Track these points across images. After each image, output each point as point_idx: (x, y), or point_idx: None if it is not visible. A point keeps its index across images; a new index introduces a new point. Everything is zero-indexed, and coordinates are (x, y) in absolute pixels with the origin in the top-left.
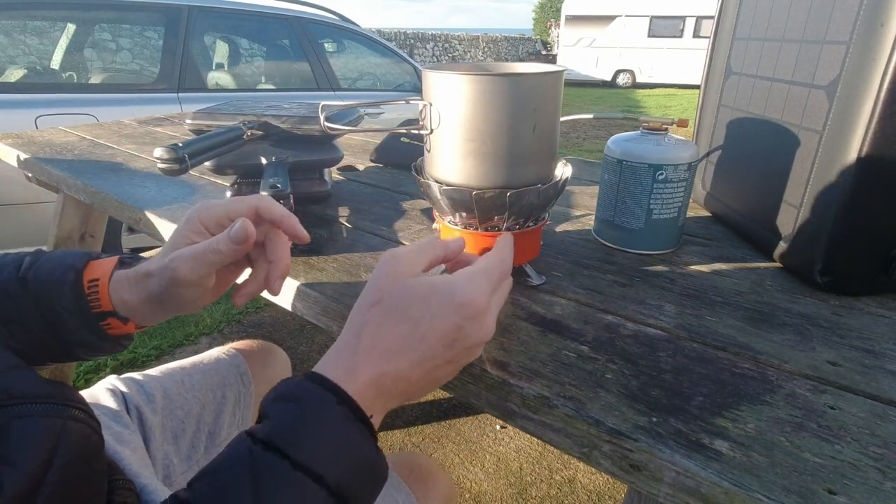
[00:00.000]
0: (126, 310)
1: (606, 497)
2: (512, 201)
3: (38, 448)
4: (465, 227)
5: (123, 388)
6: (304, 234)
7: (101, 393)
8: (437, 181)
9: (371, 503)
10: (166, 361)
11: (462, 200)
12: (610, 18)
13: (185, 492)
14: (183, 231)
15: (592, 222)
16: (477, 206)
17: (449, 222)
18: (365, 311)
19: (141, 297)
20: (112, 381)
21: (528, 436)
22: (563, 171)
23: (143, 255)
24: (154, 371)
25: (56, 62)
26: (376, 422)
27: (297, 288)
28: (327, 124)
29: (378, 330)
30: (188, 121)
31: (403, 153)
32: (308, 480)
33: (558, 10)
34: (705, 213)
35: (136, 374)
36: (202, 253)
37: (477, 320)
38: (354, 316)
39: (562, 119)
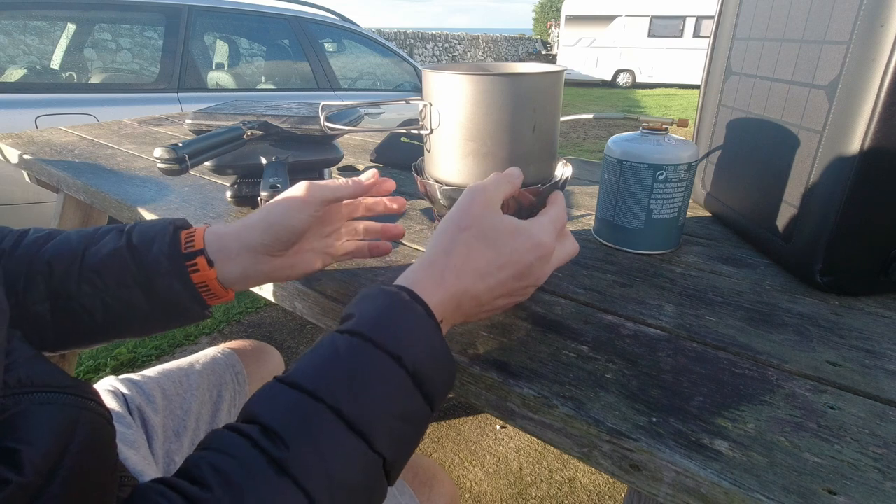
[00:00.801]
0: (217, 245)
1: (606, 497)
2: (511, 203)
3: (55, 432)
4: None
5: (124, 390)
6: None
7: (101, 394)
8: (437, 181)
9: (443, 394)
10: (166, 361)
11: None
12: (610, 18)
13: (283, 374)
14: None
15: (592, 222)
16: None
17: None
18: (455, 233)
19: (242, 224)
20: (111, 382)
21: (528, 436)
22: (563, 171)
23: None
24: (151, 371)
25: (56, 62)
26: (444, 329)
27: (297, 288)
28: (327, 124)
29: (468, 251)
30: (188, 121)
31: (403, 153)
32: (389, 359)
33: (558, 10)
34: (705, 213)
35: (133, 375)
36: (328, 182)
37: (544, 262)
38: (442, 237)
39: (562, 119)
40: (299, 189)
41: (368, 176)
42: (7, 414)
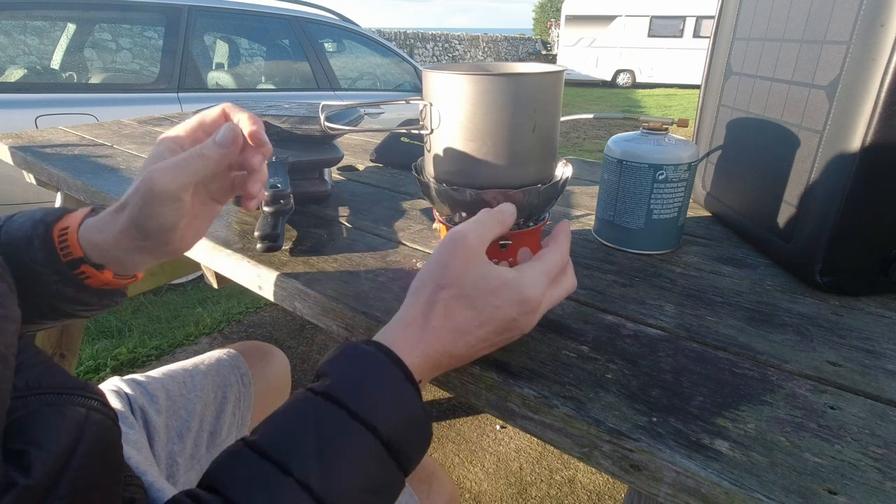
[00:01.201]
0: (98, 254)
1: (606, 497)
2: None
3: (64, 434)
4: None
5: (127, 390)
6: (264, 139)
7: (105, 394)
8: (437, 180)
9: (417, 459)
10: (167, 361)
11: (462, 200)
12: (610, 18)
13: (251, 436)
14: (157, 151)
15: (592, 222)
16: (477, 206)
17: (448, 222)
18: (434, 292)
19: (114, 232)
20: (116, 382)
21: (528, 436)
22: (563, 171)
23: None
24: (155, 372)
25: (56, 62)
26: (422, 388)
27: (297, 288)
28: (327, 124)
29: (446, 311)
30: None
31: (403, 153)
32: (363, 430)
33: (558, 10)
34: (705, 213)
35: (138, 376)
36: (184, 160)
37: (531, 315)
38: (420, 294)
39: (562, 119)
40: (146, 184)
41: (227, 136)
42: (16, 416)
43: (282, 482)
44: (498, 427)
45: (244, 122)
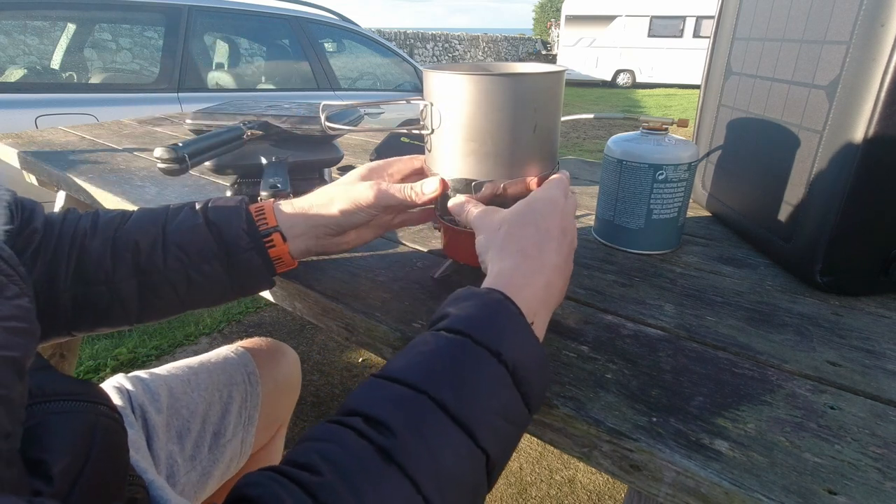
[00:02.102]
0: (289, 226)
1: (606, 497)
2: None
3: (76, 441)
4: (467, 227)
5: (129, 387)
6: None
7: (107, 391)
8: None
9: (540, 396)
10: (167, 361)
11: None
12: (610, 18)
13: (380, 371)
14: (378, 166)
15: (592, 222)
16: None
17: (449, 221)
18: (497, 239)
19: (306, 211)
20: (119, 379)
21: (528, 436)
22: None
23: None
24: (160, 370)
25: (56, 62)
26: (538, 327)
27: (297, 288)
28: (328, 124)
29: (516, 239)
30: (188, 121)
31: (403, 153)
32: (489, 355)
33: (558, 10)
34: (705, 213)
35: (142, 373)
36: (399, 190)
37: (568, 212)
38: (490, 250)
39: (562, 119)
40: (367, 189)
41: (434, 188)
42: (24, 426)
43: (416, 398)
44: None
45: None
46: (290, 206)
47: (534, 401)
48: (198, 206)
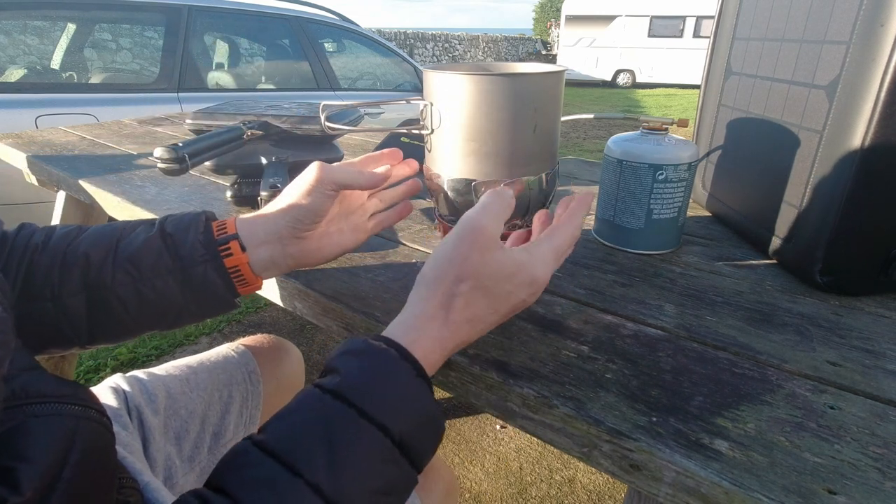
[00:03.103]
0: (247, 233)
1: (606, 497)
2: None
3: (53, 446)
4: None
5: (126, 388)
6: (406, 164)
7: (103, 391)
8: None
9: (430, 456)
10: (166, 361)
11: (466, 203)
12: (610, 18)
13: (259, 434)
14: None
15: (592, 222)
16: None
17: (449, 221)
18: (454, 284)
19: (265, 216)
20: (116, 380)
21: (528, 436)
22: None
23: None
24: (159, 370)
25: (56, 62)
26: (432, 377)
27: (297, 288)
28: (328, 124)
29: (466, 305)
30: (188, 121)
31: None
32: (374, 429)
33: (558, 10)
34: (705, 213)
35: (140, 373)
36: (346, 166)
37: (537, 293)
38: (438, 286)
39: (562, 119)
40: (311, 171)
41: (382, 170)
42: (2, 429)
43: (291, 483)
44: (498, 427)
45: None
46: (251, 215)
47: (425, 460)
48: (158, 219)
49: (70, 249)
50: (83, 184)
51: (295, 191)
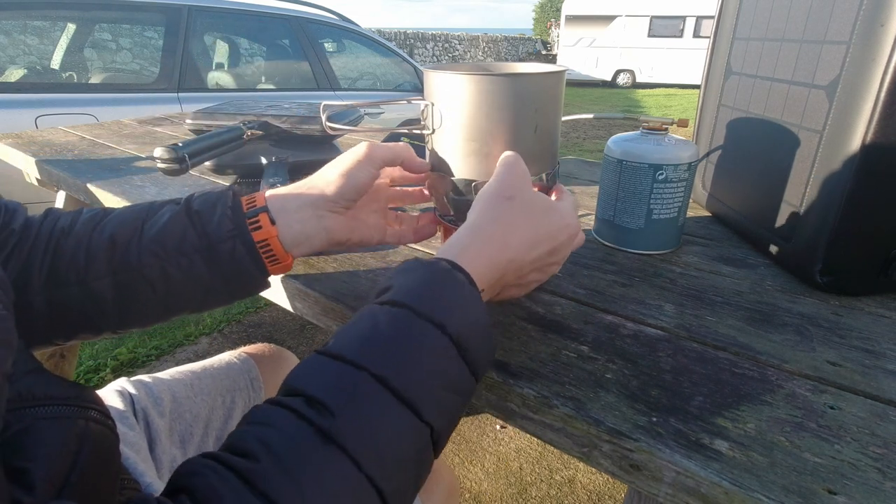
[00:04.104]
0: (278, 206)
1: (606, 497)
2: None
3: (64, 448)
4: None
5: (132, 390)
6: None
7: (109, 394)
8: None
9: (485, 364)
10: (167, 361)
11: (466, 203)
12: (610, 18)
13: (322, 347)
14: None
15: (592, 222)
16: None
17: (449, 221)
18: (499, 202)
19: (299, 188)
20: (122, 383)
21: (528, 436)
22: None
23: None
24: (163, 374)
25: (56, 62)
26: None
27: (297, 288)
28: (328, 124)
29: (513, 221)
30: (188, 121)
31: None
32: (431, 326)
33: (558, 10)
34: (705, 213)
35: (145, 377)
36: (384, 145)
37: (568, 243)
38: (486, 205)
39: (562, 119)
40: (360, 148)
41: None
42: (11, 431)
43: (358, 376)
44: (498, 427)
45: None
46: (283, 189)
47: (480, 368)
48: (184, 198)
49: (96, 232)
50: (83, 184)
51: (343, 163)
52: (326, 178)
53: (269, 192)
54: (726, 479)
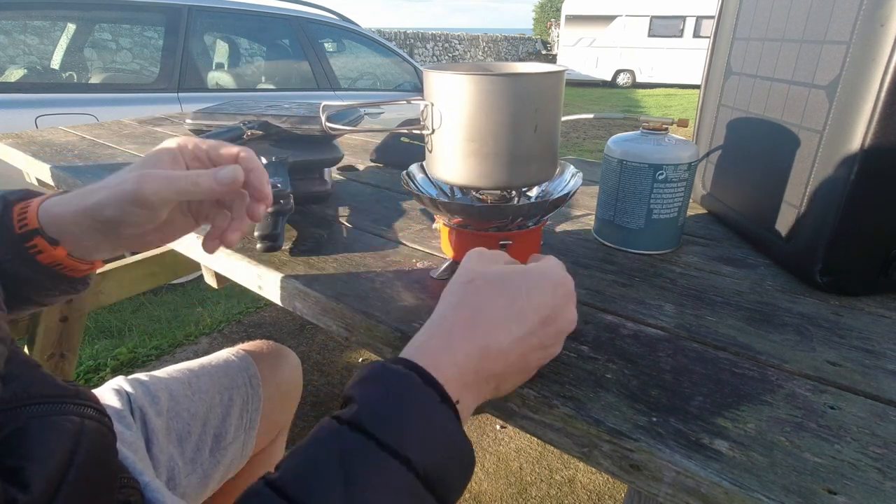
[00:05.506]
0: (55, 227)
1: (606, 497)
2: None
3: (60, 447)
4: (464, 227)
5: (129, 389)
6: (267, 192)
7: (106, 392)
8: (436, 180)
9: (460, 490)
10: (167, 361)
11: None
12: (610, 18)
13: (273, 473)
14: (160, 154)
15: (592, 222)
16: (477, 213)
17: (447, 223)
18: (459, 287)
19: (78, 207)
20: (118, 381)
21: (528, 436)
22: (573, 181)
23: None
24: (161, 372)
25: (56, 62)
26: (464, 409)
27: (297, 288)
28: (328, 124)
29: (479, 301)
30: (188, 121)
31: (403, 153)
32: (395, 463)
33: (558, 10)
34: (705, 213)
35: (142, 375)
36: (177, 179)
37: (569, 302)
38: (447, 296)
39: (562, 119)
40: (132, 184)
41: (228, 175)
42: (6, 430)
43: None
44: (498, 427)
45: (255, 175)
46: (59, 205)
47: (454, 494)
48: None
49: None
50: (83, 184)
51: (111, 202)
52: (95, 223)
53: (43, 208)
54: (726, 479)
